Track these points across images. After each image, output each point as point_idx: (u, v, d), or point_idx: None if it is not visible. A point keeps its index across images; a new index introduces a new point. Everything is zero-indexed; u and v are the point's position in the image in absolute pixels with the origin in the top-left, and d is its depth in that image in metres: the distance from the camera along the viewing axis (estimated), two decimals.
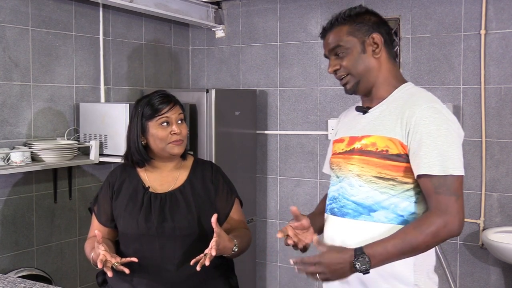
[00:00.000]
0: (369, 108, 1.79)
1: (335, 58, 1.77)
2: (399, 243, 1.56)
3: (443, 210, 1.56)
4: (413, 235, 1.56)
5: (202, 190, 2.12)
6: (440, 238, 1.58)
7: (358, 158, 1.72)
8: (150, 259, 2.01)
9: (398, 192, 1.66)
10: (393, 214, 1.66)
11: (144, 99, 2.12)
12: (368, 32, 1.74)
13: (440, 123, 1.62)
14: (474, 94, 3.35)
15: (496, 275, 3.34)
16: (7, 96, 2.92)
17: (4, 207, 2.90)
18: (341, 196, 1.76)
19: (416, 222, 1.60)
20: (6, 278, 1.89)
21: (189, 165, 2.18)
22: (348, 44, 1.74)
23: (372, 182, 1.68)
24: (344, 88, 1.80)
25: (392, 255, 1.57)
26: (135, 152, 2.10)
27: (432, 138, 1.60)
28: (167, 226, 2.01)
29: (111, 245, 2.09)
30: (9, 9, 2.93)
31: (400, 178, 1.65)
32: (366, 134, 1.73)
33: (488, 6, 3.28)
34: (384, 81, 1.76)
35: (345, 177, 1.76)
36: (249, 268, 3.94)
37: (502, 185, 3.30)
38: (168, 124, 2.06)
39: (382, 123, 1.71)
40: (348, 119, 1.89)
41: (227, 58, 4.14)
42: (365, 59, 1.74)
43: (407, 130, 1.64)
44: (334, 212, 1.78)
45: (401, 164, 1.64)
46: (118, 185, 2.13)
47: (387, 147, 1.66)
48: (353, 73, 1.75)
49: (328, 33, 1.78)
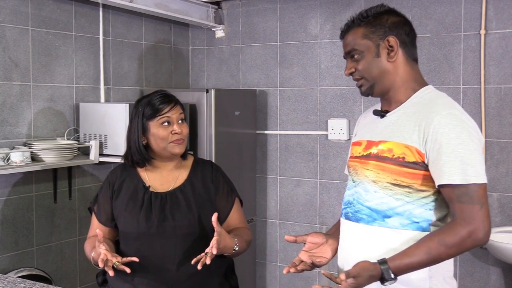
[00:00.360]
0: (387, 111, 1.76)
1: (351, 60, 1.76)
2: (423, 258, 1.56)
3: (468, 220, 1.54)
4: (438, 249, 1.55)
5: (203, 190, 2.12)
6: (465, 248, 1.57)
7: (374, 163, 1.70)
8: (150, 259, 2.02)
9: (413, 199, 1.64)
10: (407, 220, 1.65)
11: (144, 99, 2.13)
12: (384, 35, 1.71)
13: (460, 130, 1.59)
14: (474, 94, 3.35)
15: (496, 275, 3.34)
16: (7, 96, 2.92)
17: (4, 207, 2.90)
18: (355, 201, 1.74)
19: (441, 235, 1.57)
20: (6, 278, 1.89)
21: (189, 164, 2.18)
22: (362, 48, 1.72)
23: (387, 188, 1.66)
24: (360, 90, 1.79)
25: (415, 268, 1.58)
26: (135, 152, 2.10)
27: (453, 146, 1.57)
28: (167, 225, 2.02)
29: (111, 245, 2.09)
30: (9, 9, 2.93)
31: (416, 186, 1.64)
32: (383, 139, 1.71)
33: (488, 6, 3.28)
34: (402, 84, 1.73)
35: (360, 182, 1.74)
36: (249, 268, 3.94)
37: (502, 185, 3.30)
38: (169, 123, 2.07)
39: (399, 129, 1.68)
40: (367, 122, 1.87)
41: (227, 58, 4.14)
42: (379, 63, 1.71)
43: (425, 138, 1.61)
44: (349, 217, 1.76)
45: (418, 172, 1.63)
46: (119, 185, 2.13)
47: (404, 154, 1.64)
48: (367, 77, 1.73)
49: (346, 34, 1.77)
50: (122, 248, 2.11)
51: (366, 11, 1.75)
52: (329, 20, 3.69)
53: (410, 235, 1.64)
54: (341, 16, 3.63)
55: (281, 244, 3.99)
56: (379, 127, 1.75)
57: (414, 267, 1.58)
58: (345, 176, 1.93)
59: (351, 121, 3.68)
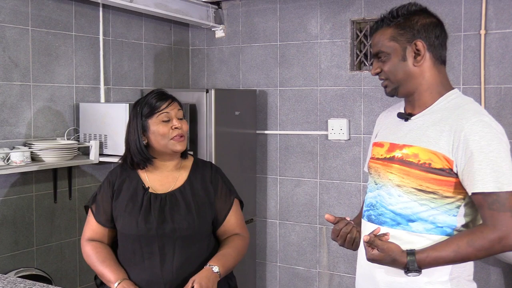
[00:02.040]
0: (411, 114, 1.75)
1: (378, 60, 1.74)
2: (451, 256, 1.59)
3: (498, 227, 1.55)
4: (466, 249, 1.57)
5: (202, 191, 2.11)
6: (493, 253, 1.60)
7: (399, 167, 1.69)
8: (149, 260, 2.01)
9: (438, 205, 1.64)
10: (431, 225, 1.65)
11: (141, 100, 2.13)
12: (412, 39, 1.68)
13: (491, 137, 1.58)
14: (474, 94, 3.35)
15: (496, 275, 3.34)
16: (7, 96, 2.92)
17: (4, 207, 2.90)
18: (379, 204, 1.74)
19: (471, 236, 1.59)
20: (6, 278, 1.89)
21: (189, 165, 2.18)
22: (389, 50, 1.70)
23: (412, 193, 1.66)
24: (385, 90, 1.78)
25: (441, 264, 1.62)
26: (136, 153, 2.09)
27: (484, 154, 1.56)
28: (167, 227, 2.01)
29: (113, 255, 2.08)
30: (9, 9, 2.93)
31: (441, 192, 1.63)
32: (408, 143, 1.69)
33: (488, 6, 3.28)
34: (427, 88, 1.71)
35: (383, 185, 1.73)
36: (249, 268, 3.94)
37: None
38: (168, 120, 2.07)
39: (425, 134, 1.66)
40: (389, 122, 1.85)
41: (227, 58, 4.14)
42: (405, 67, 1.69)
43: (455, 145, 1.60)
44: (372, 220, 1.76)
45: (444, 178, 1.62)
46: (118, 185, 2.12)
47: (431, 160, 1.63)
48: (391, 79, 1.72)
49: (375, 33, 1.75)
50: (120, 250, 2.10)
51: (397, 10, 1.71)
52: (329, 20, 3.69)
53: (434, 239, 1.64)
54: (341, 16, 3.63)
55: (281, 244, 3.99)
56: (403, 130, 1.74)
57: (439, 263, 1.60)
58: (345, 176, 1.94)
59: (351, 121, 3.68)
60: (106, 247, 2.10)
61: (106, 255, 2.06)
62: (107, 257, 2.05)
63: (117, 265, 2.04)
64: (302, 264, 3.90)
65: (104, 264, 2.03)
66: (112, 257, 2.06)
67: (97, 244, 2.09)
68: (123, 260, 2.06)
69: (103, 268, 2.02)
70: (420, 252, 1.60)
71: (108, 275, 2.00)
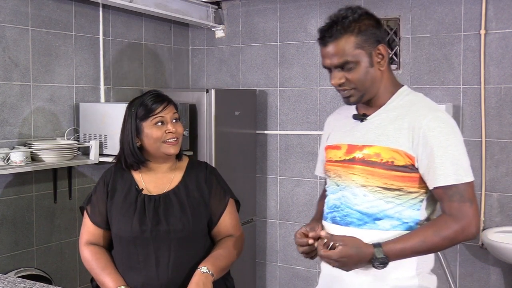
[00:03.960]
0: (365, 115, 1.76)
1: (340, 70, 1.68)
2: (417, 246, 1.61)
3: (460, 217, 1.60)
4: (431, 239, 1.60)
5: (197, 192, 2.09)
6: (457, 242, 1.64)
7: (362, 168, 1.70)
8: (144, 262, 2.00)
9: (403, 201, 1.67)
10: (398, 221, 1.67)
11: (137, 100, 2.09)
12: (375, 43, 1.66)
13: (448, 132, 1.64)
14: (474, 94, 3.35)
15: (496, 275, 3.34)
16: (7, 96, 2.92)
17: (4, 207, 2.90)
18: (343, 205, 1.74)
19: (435, 226, 1.63)
20: (6, 278, 1.89)
21: (184, 166, 2.15)
22: (356, 58, 1.65)
23: (377, 192, 1.67)
24: (347, 99, 1.74)
25: (407, 255, 1.63)
26: (129, 154, 2.07)
27: (443, 148, 1.61)
28: (161, 229, 1.99)
29: (111, 261, 2.07)
30: (9, 9, 2.93)
31: (406, 188, 1.66)
32: (368, 143, 1.70)
33: (488, 6, 3.28)
34: (384, 90, 1.73)
35: (347, 186, 1.74)
36: (249, 268, 3.94)
37: (502, 185, 3.30)
38: (162, 123, 2.04)
39: (384, 133, 1.69)
40: (342, 124, 1.85)
41: (227, 58, 4.14)
42: (372, 73, 1.68)
43: (415, 142, 1.63)
44: (337, 221, 1.75)
45: (407, 175, 1.65)
46: (113, 185, 2.09)
47: (393, 158, 1.65)
48: (359, 87, 1.69)
49: (331, 42, 1.66)
50: (115, 251, 2.09)
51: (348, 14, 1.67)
52: None
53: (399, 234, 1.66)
54: None
55: (281, 244, 3.99)
56: (361, 131, 1.75)
57: (406, 253, 1.62)
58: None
59: None
60: (104, 252, 2.08)
61: (106, 262, 2.04)
62: (107, 265, 2.04)
63: (117, 273, 2.03)
64: (302, 264, 3.90)
65: (105, 272, 2.01)
66: (111, 264, 2.05)
67: (96, 249, 2.07)
68: (118, 263, 2.05)
69: (103, 276, 2.01)
70: (386, 243, 1.62)
71: (109, 284, 1.99)
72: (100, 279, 2.02)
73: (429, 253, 1.67)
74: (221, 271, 2.03)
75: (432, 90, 3.45)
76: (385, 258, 1.59)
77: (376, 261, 1.60)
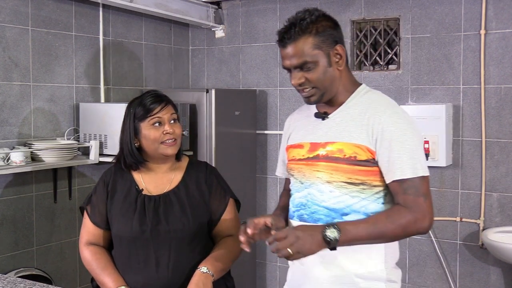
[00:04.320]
0: (326, 113, 1.80)
1: (300, 70, 1.73)
2: (369, 227, 1.63)
3: (414, 209, 1.63)
4: (384, 223, 1.63)
5: (197, 191, 2.09)
6: (408, 232, 1.65)
7: (326, 164, 1.73)
8: (144, 262, 2.00)
9: (368, 195, 1.71)
10: (364, 215, 1.70)
11: (136, 100, 2.09)
12: (332, 44, 1.72)
13: (405, 127, 1.69)
14: (474, 94, 3.35)
15: (496, 275, 3.34)
16: (7, 96, 2.92)
17: (4, 207, 2.90)
18: (310, 202, 1.76)
19: (388, 212, 1.67)
20: (6, 278, 1.89)
21: (184, 166, 2.14)
22: (315, 58, 1.70)
23: (343, 187, 1.71)
24: (308, 99, 1.77)
25: (360, 237, 1.63)
26: (128, 155, 2.07)
27: (400, 143, 1.66)
28: (161, 229, 1.99)
29: (112, 261, 2.07)
30: (9, 9, 2.93)
31: (369, 182, 1.70)
32: (330, 140, 1.75)
33: (488, 6, 3.28)
34: (343, 88, 1.78)
35: (312, 183, 1.76)
36: (249, 268, 3.94)
37: (502, 185, 3.30)
38: (160, 124, 2.04)
39: (346, 129, 1.73)
40: (303, 124, 1.88)
41: (227, 58, 4.14)
42: (330, 73, 1.73)
43: (374, 137, 1.68)
44: (304, 219, 1.77)
45: (370, 169, 1.69)
46: (113, 185, 2.09)
47: (355, 153, 1.69)
48: (319, 87, 1.73)
49: (290, 44, 1.72)
50: (115, 252, 2.09)
51: (306, 16, 1.72)
52: None
53: None
54: (341, 16, 3.63)
55: None
56: (323, 129, 1.78)
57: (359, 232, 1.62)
58: None
59: None
60: (105, 253, 2.08)
61: (106, 262, 2.05)
62: (107, 265, 2.04)
63: (117, 273, 2.03)
64: None
65: (105, 273, 2.01)
66: (111, 264, 2.05)
67: (96, 249, 2.08)
68: (118, 263, 2.05)
69: (103, 276, 2.01)
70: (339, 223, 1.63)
71: (109, 284, 1.99)
72: (100, 279, 2.02)
73: (381, 239, 1.67)
74: (221, 271, 2.04)
75: (432, 90, 3.45)
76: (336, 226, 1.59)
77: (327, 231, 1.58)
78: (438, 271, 3.48)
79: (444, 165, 3.32)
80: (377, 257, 1.72)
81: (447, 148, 3.33)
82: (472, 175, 3.36)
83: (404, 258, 3.54)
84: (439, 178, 3.45)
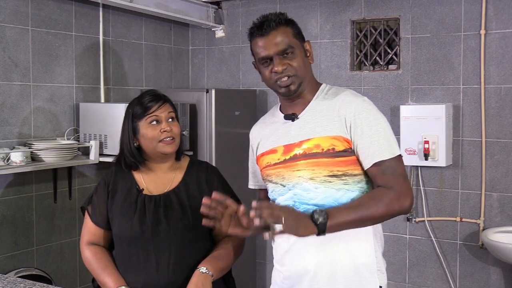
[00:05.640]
0: (294, 114, 1.82)
1: (282, 57, 1.77)
2: (354, 209, 1.66)
3: (394, 187, 1.67)
4: (368, 203, 1.66)
5: (197, 191, 2.08)
6: (391, 210, 1.67)
7: (305, 162, 1.74)
8: (144, 262, 2.00)
9: (351, 186, 1.73)
10: None
11: (134, 101, 2.10)
12: (303, 39, 1.85)
13: (375, 113, 1.76)
14: (474, 94, 3.35)
15: (496, 275, 3.34)
16: (7, 96, 2.92)
17: (4, 207, 2.90)
18: (298, 203, 1.76)
19: (371, 193, 1.71)
20: (6, 278, 1.89)
21: (185, 166, 2.14)
22: (296, 45, 1.79)
23: (326, 181, 1.72)
24: (287, 89, 1.78)
25: (347, 220, 1.65)
26: (128, 155, 2.07)
27: (374, 127, 1.72)
28: (161, 229, 1.99)
29: (112, 261, 2.06)
30: (9, 9, 2.93)
31: (350, 172, 1.73)
32: (305, 138, 1.77)
33: (488, 6, 3.28)
34: (309, 86, 1.84)
35: (295, 183, 1.76)
36: (249, 268, 3.94)
37: (502, 185, 3.30)
38: (157, 122, 2.04)
39: (319, 124, 1.76)
40: (272, 130, 1.89)
41: (227, 58, 4.15)
42: (306, 62, 1.82)
43: (348, 126, 1.73)
44: None
45: (349, 158, 1.73)
46: (113, 186, 2.09)
47: (333, 145, 1.73)
48: (300, 74, 1.78)
49: (272, 31, 1.78)
50: (116, 252, 2.09)
51: (278, 15, 1.81)
52: (329, 20, 3.69)
53: None
54: (341, 16, 3.63)
55: None
56: (295, 130, 1.81)
57: (344, 214, 1.64)
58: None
59: None
60: (105, 252, 2.08)
61: (107, 262, 2.05)
62: (108, 265, 2.04)
63: (117, 273, 2.03)
64: None
65: (105, 273, 2.01)
66: (112, 264, 2.05)
67: (97, 249, 2.08)
68: (119, 263, 2.05)
69: (104, 276, 2.01)
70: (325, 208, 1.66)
71: (110, 284, 1.99)
72: (101, 279, 2.02)
73: (367, 221, 1.68)
74: (221, 271, 2.03)
75: (432, 90, 3.45)
76: (323, 210, 1.61)
77: (315, 214, 1.60)
78: (438, 271, 3.48)
79: (444, 165, 3.33)
80: (366, 245, 1.76)
81: (447, 148, 3.33)
82: (472, 175, 3.36)
83: (404, 258, 3.54)
84: (439, 178, 3.45)
